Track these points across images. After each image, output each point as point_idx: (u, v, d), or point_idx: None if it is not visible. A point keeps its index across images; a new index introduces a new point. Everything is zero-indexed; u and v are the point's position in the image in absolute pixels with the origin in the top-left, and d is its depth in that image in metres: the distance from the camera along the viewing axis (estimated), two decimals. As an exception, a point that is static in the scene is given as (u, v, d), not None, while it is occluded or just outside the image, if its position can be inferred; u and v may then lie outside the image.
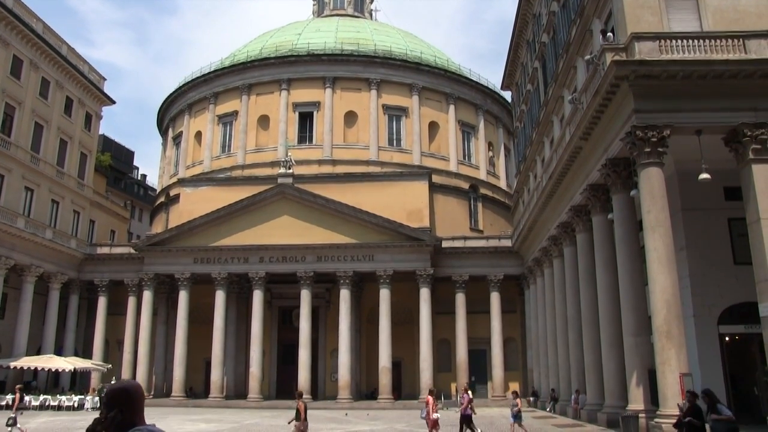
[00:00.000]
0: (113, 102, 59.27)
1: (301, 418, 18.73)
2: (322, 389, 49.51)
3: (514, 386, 48.94)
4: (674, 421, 19.26)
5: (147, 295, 48.62)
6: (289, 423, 19.69)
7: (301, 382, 44.85)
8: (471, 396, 23.91)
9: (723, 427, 12.32)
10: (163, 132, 69.87)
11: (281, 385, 49.67)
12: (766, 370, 21.51)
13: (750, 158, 21.09)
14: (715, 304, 26.12)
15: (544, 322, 40.28)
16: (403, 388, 48.69)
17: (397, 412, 39.01)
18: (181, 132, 63.94)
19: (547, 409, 37.71)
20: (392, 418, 33.48)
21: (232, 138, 59.46)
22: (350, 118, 57.72)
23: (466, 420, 23.07)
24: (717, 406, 12.55)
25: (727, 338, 26.61)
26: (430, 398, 22.18)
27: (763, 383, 24.59)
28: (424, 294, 46.48)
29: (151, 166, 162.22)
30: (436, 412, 21.73)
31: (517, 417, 23.85)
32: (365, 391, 48.95)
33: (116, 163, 77.42)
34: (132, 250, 50.73)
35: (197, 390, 49.37)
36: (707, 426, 12.90)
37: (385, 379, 45.13)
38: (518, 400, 24.57)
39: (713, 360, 25.93)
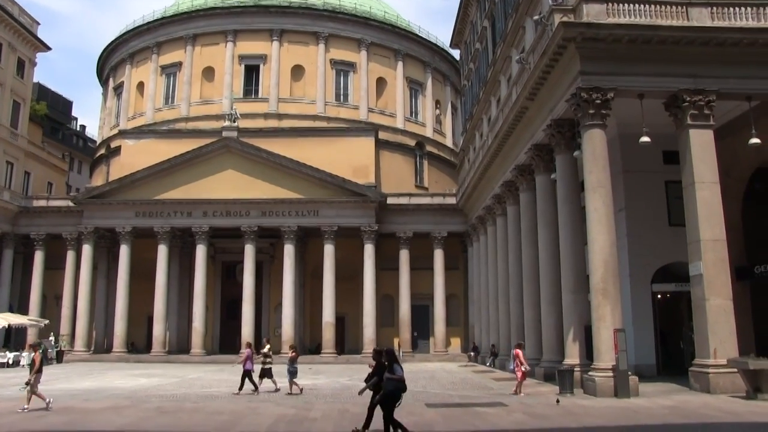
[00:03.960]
0: (49, 48, 56.84)
1: (34, 369, 18.59)
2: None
3: (455, 342, 50.15)
4: (609, 374, 20.23)
5: (87, 249, 47.59)
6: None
7: (244, 336, 44.88)
8: (252, 352, 23.95)
9: (393, 386, 13.25)
10: (104, 82, 67.61)
11: (224, 340, 49.63)
12: (692, 325, 22.61)
13: (688, 123, 21.79)
14: (649, 264, 27.18)
15: (486, 279, 41.09)
16: (347, 343, 49.28)
17: (340, 367, 39.51)
18: (123, 82, 62.02)
19: (488, 364, 38.69)
20: (335, 372, 33.93)
21: (176, 90, 57.99)
22: (297, 72, 56.89)
23: (247, 374, 23.15)
24: (393, 366, 13.38)
25: (659, 296, 27.81)
26: (520, 351, 22.36)
27: (688, 338, 25.81)
28: (369, 250, 46.81)
29: (90, 116, 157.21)
30: (525, 364, 22.08)
31: (293, 374, 23.15)
32: (309, 345, 49.30)
33: (53, 112, 74.73)
34: (71, 203, 49.39)
35: (139, 345, 48.90)
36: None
37: (328, 334, 45.56)
38: (293, 354, 23.79)
39: (646, 317, 27.09)
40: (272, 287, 49.96)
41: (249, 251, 46.34)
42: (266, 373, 23.78)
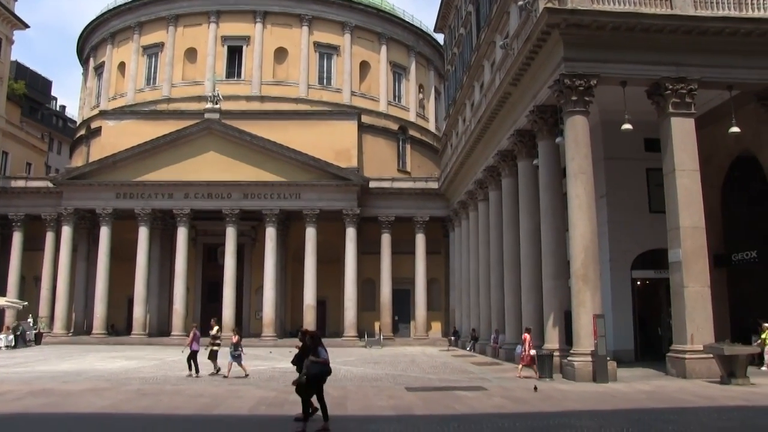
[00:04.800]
0: (27, 26, 56.00)
1: None
2: (247, 327, 49.54)
3: (436, 326, 50.40)
4: (588, 359, 20.46)
5: (66, 231, 47.15)
6: None
7: (225, 319, 44.84)
8: (198, 333, 24.03)
9: (317, 369, 13.17)
10: (84, 61, 66.75)
11: (205, 323, 49.32)
12: (670, 311, 22.91)
13: (669, 111, 21.92)
14: (629, 250, 27.42)
15: (467, 264, 41.25)
16: (328, 327, 49.34)
17: (322, 350, 39.45)
18: (104, 62, 61.25)
19: (468, 348, 38.93)
20: (317, 356, 33.86)
21: (158, 70, 57.40)
22: (280, 54, 56.49)
23: (193, 355, 23.22)
24: (317, 349, 13.34)
25: (638, 282, 28.07)
26: (528, 336, 22.51)
27: (666, 324, 26.13)
28: (350, 233, 46.83)
29: (70, 96, 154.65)
30: (533, 348, 22.17)
31: (237, 357, 22.49)
32: (290, 329, 49.31)
33: (32, 92, 73.52)
34: (50, 184, 48.82)
35: (119, 327, 48.70)
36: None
37: (309, 317, 45.58)
38: (236, 338, 22.93)
39: (625, 303, 27.37)
40: (254, 270, 49.90)
41: (230, 234, 46.20)
42: (213, 355, 23.76)
